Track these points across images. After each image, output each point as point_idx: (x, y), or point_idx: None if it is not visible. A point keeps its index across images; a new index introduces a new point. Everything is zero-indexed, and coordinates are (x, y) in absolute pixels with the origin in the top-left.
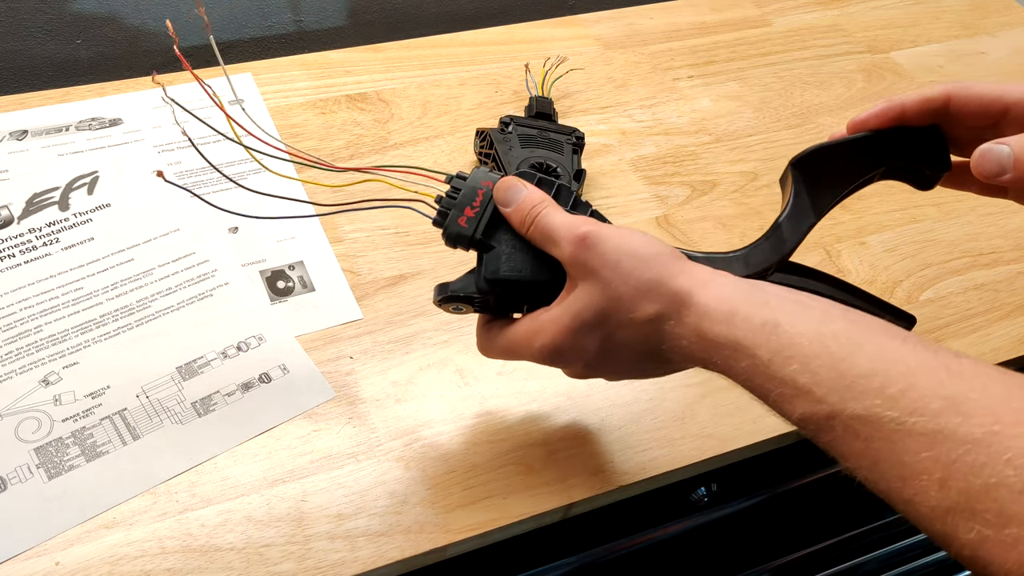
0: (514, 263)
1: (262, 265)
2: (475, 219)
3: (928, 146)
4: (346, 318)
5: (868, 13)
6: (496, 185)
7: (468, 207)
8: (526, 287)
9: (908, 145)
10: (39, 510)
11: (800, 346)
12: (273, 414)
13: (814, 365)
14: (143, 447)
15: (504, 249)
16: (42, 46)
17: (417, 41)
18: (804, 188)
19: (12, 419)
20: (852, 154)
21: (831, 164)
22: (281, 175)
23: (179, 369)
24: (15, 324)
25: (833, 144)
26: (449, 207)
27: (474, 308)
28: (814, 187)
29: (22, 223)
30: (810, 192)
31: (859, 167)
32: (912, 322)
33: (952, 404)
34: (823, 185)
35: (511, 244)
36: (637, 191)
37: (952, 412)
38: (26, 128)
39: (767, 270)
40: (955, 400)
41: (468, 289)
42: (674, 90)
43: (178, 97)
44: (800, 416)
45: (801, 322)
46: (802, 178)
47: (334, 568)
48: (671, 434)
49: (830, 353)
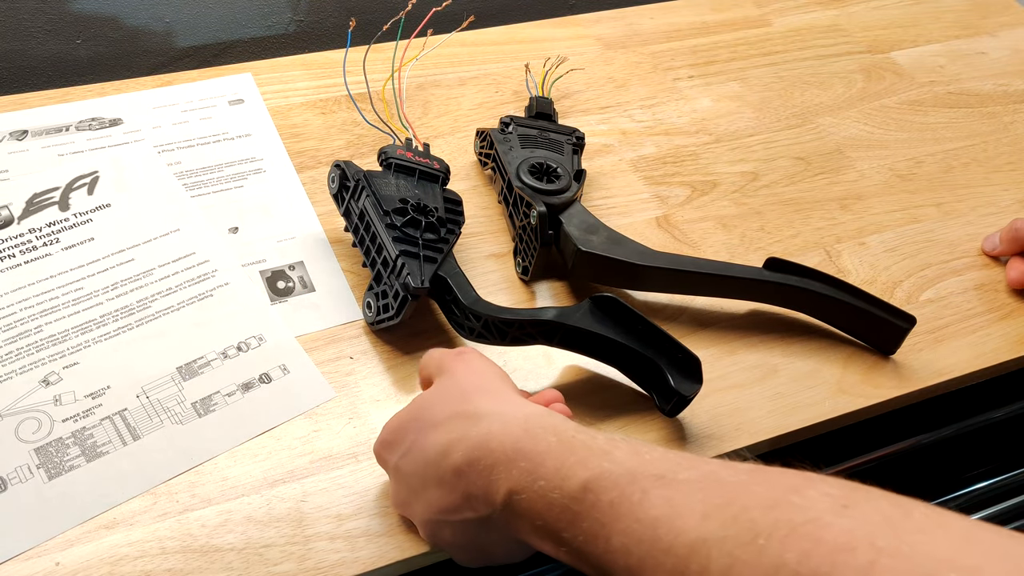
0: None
1: (262, 265)
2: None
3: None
4: (346, 318)
5: (868, 13)
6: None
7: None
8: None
9: (664, 369)
10: (39, 510)
11: (593, 437)
12: (273, 414)
13: (611, 442)
14: (143, 447)
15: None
16: (42, 46)
17: (417, 41)
18: (590, 307)
19: (12, 419)
20: (634, 324)
21: (616, 316)
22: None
23: (179, 369)
24: (15, 324)
25: (625, 306)
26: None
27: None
28: (597, 318)
29: (22, 223)
30: (594, 318)
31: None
32: (912, 322)
33: (726, 466)
34: (603, 321)
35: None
36: (637, 191)
37: (725, 468)
38: (26, 128)
39: (510, 324)
40: (729, 465)
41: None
42: (674, 90)
43: (178, 97)
44: (589, 476)
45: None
46: (595, 306)
47: (334, 568)
48: (671, 435)
49: (625, 439)
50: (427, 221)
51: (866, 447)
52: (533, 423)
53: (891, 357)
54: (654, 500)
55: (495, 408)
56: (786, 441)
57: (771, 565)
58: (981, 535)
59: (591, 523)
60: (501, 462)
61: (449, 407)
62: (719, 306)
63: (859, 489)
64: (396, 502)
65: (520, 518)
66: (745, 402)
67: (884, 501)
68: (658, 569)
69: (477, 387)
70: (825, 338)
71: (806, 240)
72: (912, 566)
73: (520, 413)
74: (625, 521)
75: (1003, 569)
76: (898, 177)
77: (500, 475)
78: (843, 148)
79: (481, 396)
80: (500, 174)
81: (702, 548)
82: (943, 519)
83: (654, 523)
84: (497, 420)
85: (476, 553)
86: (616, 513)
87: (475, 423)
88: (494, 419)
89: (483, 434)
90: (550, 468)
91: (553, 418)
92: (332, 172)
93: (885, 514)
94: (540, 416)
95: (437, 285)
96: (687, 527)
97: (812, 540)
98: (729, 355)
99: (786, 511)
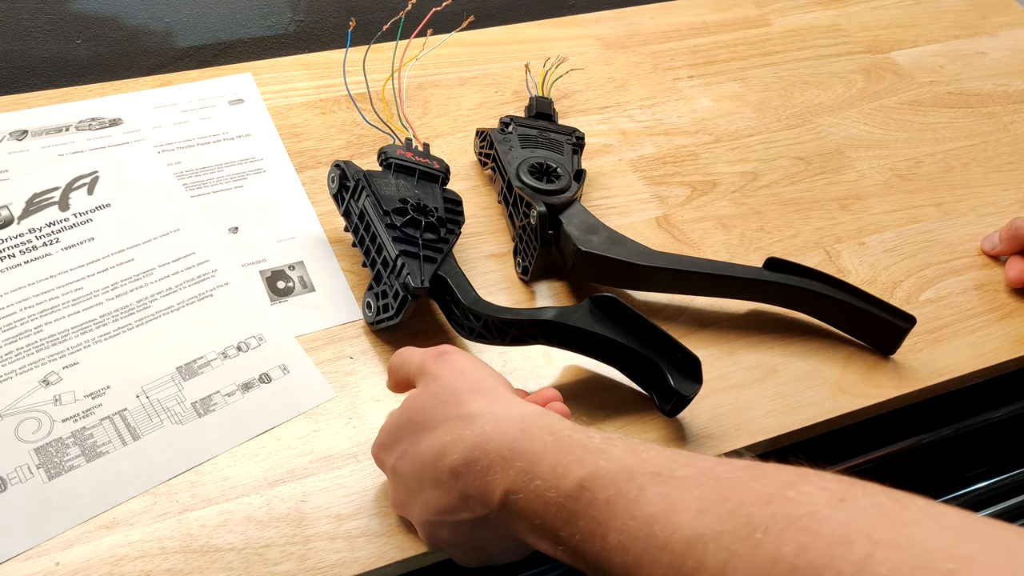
0: (389, 191)
1: (262, 265)
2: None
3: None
4: (346, 318)
5: (868, 13)
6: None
7: (412, 152)
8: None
9: (664, 369)
10: (39, 510)
11: (589, 436)
12: (273, 414)
13: (607, 441)
14: (143, 447)
15: (391, 179)
16: (42, 46)
17: (417, 41)
18: (590, 307)
19: (12, 419)
20: (634, 324)
21: (616, 316)
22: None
23: (179, 369)
24: (15, 324)
25: (624, 305)
26: (407, 148)
27: (339, 198)
28: (597, 318)
29: (22, 223)
30: (594, 317)
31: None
32: (912, 322)
33: (721, 463)
34: (602, 321)
35: (397, 183)
36: (637, 191)
37: (721, 465)
38: (26, 128)
39: (509, 324)
40: (724, 462)
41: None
42: (674, 90)
43: (178, 97)
44: (586, 475)
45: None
46: (598, 307)
47: (334, 568)
48: (671, 435)
49: (622, 439)
50: (427, 221)
51: (866, 447)
52: (529, 423)
53: (891, 357)
54: (650, 497)
55: (489, 408)
56: (786, 441)
57: (768, 559)
58: (975, 526)
59: (587, 521)
60: (497, 462)
61: (442, 410)
62: (719, 306)
63: (856, 484)
64: (394, 503)
65: (517, 518)
66: (745, 402)
67: (881, 495)
68: (655, 566)
69: (470, 387)
70: (825, 338)
71: (806, 240)
72: (908, 557)
73: (515, 413)
74: (621, 519)
75: (996, 559)
76: (898, 177)
77: (496, 475)
78: (843, 148)
79: (474, 396)
80: (500, 174)
81: (698, 544)
82: (937, 511)
83: (650, 520)
84: (492, 420)
85: (474, 553)
86: (612, 511)
87: (469, 424)
88: (488, 419)
89: (478, 435)
90: (546, 467)
91: (549, 417)
92: (332, 172)
93: (882, 507)
94: (536, 416)
95: (437, 285)
96: (683, 523)
97: (810, 533)
98: (729, 355)
99: (783, 505)
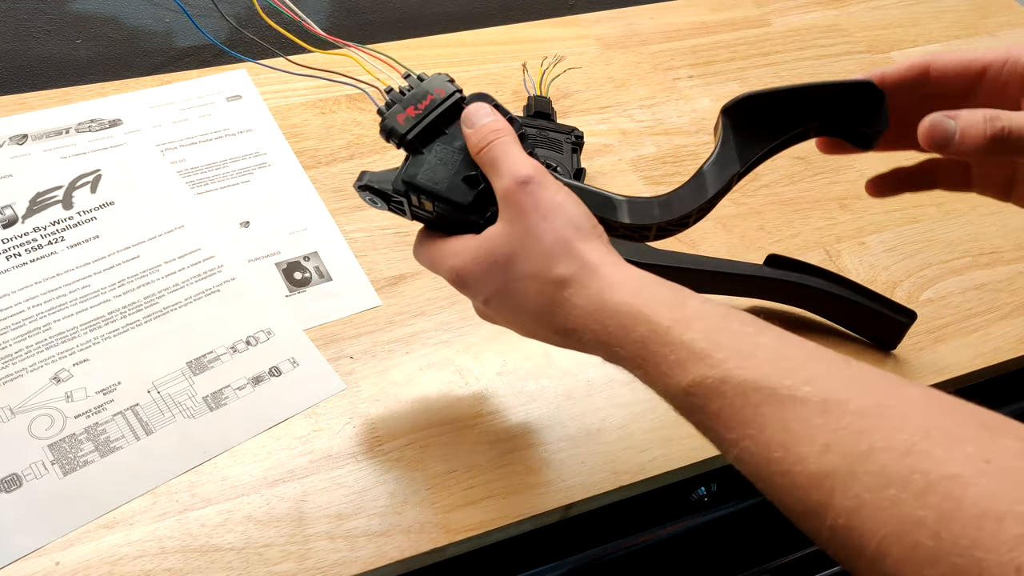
0: (435, 174)
1: (277, 257)
2: (414, 119)
3: (864, 102)
4: (365, 305)
5: (868, 13)
6: (468, 108)
7: (412, 107)
8: (438, 200)
9: (843, 99)
10: (56, 505)
11: (704, 318)
12: (284, 407)
13: (715, 335)
14: (156, 442)
15: (431, 159)
16: (42, 46)
17: (417, 41)
18: (732, 136)
19: (25, 416)
20: (784, 104)
21: (762, 113)
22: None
23: (189, 364)
24: (24, 322)
25: (765, 92)
26: (396, 100)
27: (389, 207)
28: (743, 136)
29: (26, 222)
30: (738, 141)
31: (790, 118)
32: (912, 317)
33: (847, 380)
34: (752, 134)
35: (440, 157)
36: (637, 191)
37: (846, 386)
38: (26, 132)
39: (687, 216)
40: (850, 378)
41: (383, 184)
42: (674, 90)
43: (176, 95)
44: (691, 382)
45: (709, 307)
46: (731, 125)
47: (334, 568)
48: (671, 434)
49: (733, 330)
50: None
51: None
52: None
53: (892, 355)
54: (767, 419)
55: (600, 268)
56: None
57: (908, 519)
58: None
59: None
60: (612, 342)
61: (541, 260)
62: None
63: (997, 436)
64: (479, 315)
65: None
66: None
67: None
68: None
69: (572, 230)
70: (826, 334)
71: (806, 240)
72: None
73: (628, 279)
74: (736, 432)
75: None
76: None
77: (613, 351)
78: None
79: (578, 246)
80: None
81: (826, 482)
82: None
83: (768, 445)
84: (605, 284)
85: (532, 337)
86: (726, 424)
87: (583, 287)
88: (604, 284)
89: (594, 305)
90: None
91: (647, 298)
92: (365, 197)
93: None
94: (644, 289)
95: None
96: (807, 455)
97: (952, 500)
98: None
99: (921, 460)
